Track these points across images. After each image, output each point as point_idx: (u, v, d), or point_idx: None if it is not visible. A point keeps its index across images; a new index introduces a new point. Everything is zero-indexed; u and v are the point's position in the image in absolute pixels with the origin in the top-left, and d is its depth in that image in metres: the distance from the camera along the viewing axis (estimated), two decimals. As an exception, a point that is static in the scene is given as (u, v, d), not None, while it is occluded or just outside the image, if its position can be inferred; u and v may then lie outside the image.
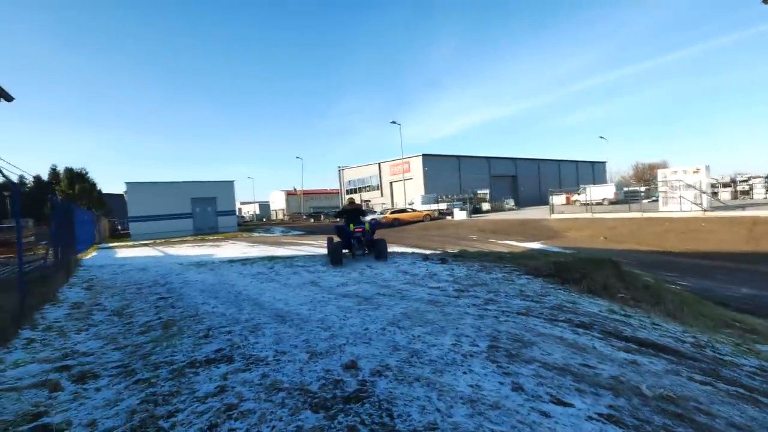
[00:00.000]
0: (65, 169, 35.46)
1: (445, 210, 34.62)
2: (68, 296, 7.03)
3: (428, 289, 5.75)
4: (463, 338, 3.51)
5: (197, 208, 30.02)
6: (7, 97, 8.72)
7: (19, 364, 3.62)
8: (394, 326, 3.95)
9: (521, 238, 18.32)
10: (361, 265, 8.80)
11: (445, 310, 4.47)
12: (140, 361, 3.52)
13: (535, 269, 7.06)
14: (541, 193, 55.61)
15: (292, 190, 74.27)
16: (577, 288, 5.72)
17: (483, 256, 9.36)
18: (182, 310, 5.52)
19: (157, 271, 10.05)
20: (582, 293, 5.43)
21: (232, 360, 3.36)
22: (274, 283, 7.21)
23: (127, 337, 4.40)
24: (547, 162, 62.27)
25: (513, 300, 4.93)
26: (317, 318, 4.48)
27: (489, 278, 6.53)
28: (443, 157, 49.41)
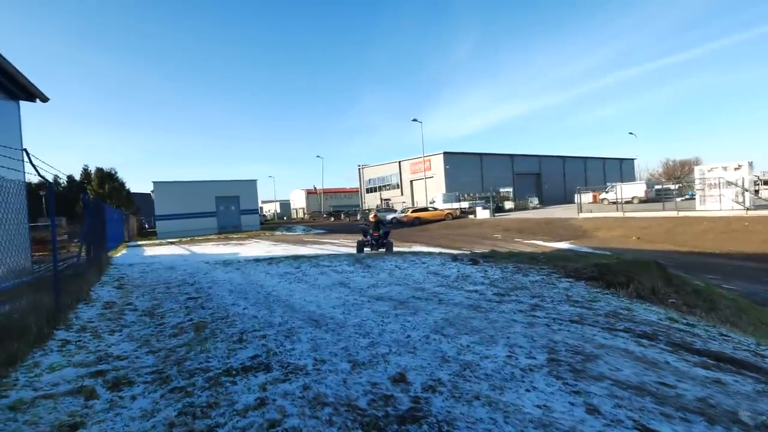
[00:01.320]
0: (96, 169, 36.66)
1: (467, 209, 34.07)
2: (100, 295, 7.07)
3: (465, 293, 5.47)
4: (516, 349, 3.22)
5: (221, 207, 30.48)
6: (42, 97, 8.88)
7: (54, 368, 3.55)
8: (438, 334, 3.69)
9: (548, 237, 17.73)
10: (388, 265, 8.58)
11: (490, 317, 4.19)
12: (175, 367, 3.39)
13: (574, 271, 6.67)
14: (566, 191, 54.17)
15: (313, 188, 74.86)
16: (625, 292, 5.35)
17: (515, 257, 8.98)
18: (212, 311, 5.42)
19: (184, 269, 10.09)
20: (631, 298, 5.05)
21: (269, 368, 3.19)
22: (303, 283, 7.07)
23: (159, 339, 4.31)
24: (572, 159, 60.46)
25: (561, 306, 4.60)
26: (353, 323, 4.27)
27: (527, 281, 6.20)
28: (465, 154, 48.67)
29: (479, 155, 50.00)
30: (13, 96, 8.43)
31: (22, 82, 7.98)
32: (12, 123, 8.42)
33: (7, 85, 7.92)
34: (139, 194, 47.32)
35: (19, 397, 2.93)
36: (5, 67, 7.15)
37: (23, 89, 8.36)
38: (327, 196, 72.53)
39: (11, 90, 8.17)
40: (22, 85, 8.11)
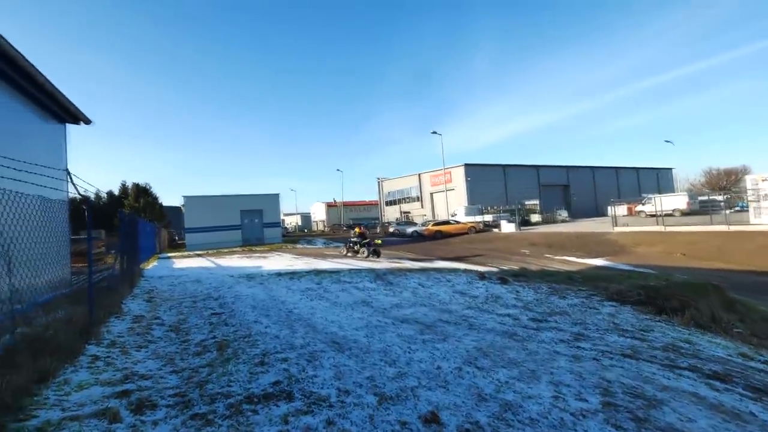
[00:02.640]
0: (132, 185, 38.40)
1: (491, 222, 33.28)
2: (131, 308, 7.17)
3: (497, 317, 5.16)
4: (563, 388, 2.92)
5: (246, 220, 31.09)
6: (86, 120, 9.30)
7: (82, 386, 3.52)
8: (472, 366, 3.43)
9: (581, 253, 16.92)
10: (412, 283, 8.34)
11: (528, 347, 3.88)
12: (197, 390, 3.29)
13: (618, 294, 6.21)
14: (597, 204, 52.16)
15: (332, 201, 75.55)
16: (680, 320, 4.87)
17: (548, 276, 8.53)
18: (235, 328, 5.36)
19: (210, 283, 10.19)
20: (689, 327, 4.58)
21: (291, 397, 3.03)
22: (324, 301, 6.93)
23: (183, 358, 4.25)
24: (603, 169, 58.05)
25: (609, 335, 4.22)
26: (378, 348, 4.06)
27: (566, 304, 5.80)
28: (487, 166, 47.83)
29: (502, 167, 48.99)
30: (60, 120, 8.89)
31: (69, 107, 8.40)
32: (58, 145, 8.85)
33: (55, 111, 8.36)
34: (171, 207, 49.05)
35: (48, 418, 2.89)
36: (54, 94, 7.54)
37: (69, 113, 8.80)
38: (347, 209, 73.00)
39: (59, 114, 8.62)
40: (69, 109, 8.54)
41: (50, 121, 8.48)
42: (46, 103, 7.94)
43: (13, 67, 6.36)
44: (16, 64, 6.28)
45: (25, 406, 3.09)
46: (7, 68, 6.29)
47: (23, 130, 7.32)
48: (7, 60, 6.12)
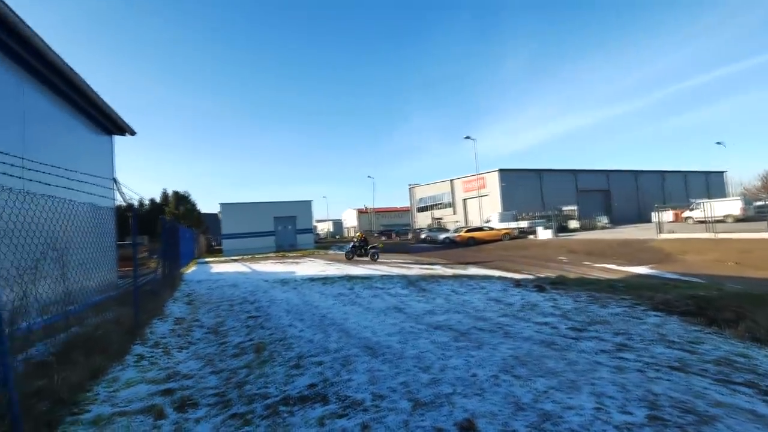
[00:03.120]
0: (173, 192, 40.46)
1: (526, 228, 32.33)
2: (173, 311, 7.51)
3: (534, 325, 4.98)
4: (606, 400, 2.77)
5: (279, 227, 31.95)
6: (131, 131, 9.93)
7: (130, 383, 3.72)
8: (508, 374, 3.33)
9: (623, 261, 16.07)
10: (444, 289, 8.23)
11: (568, 357, 3.72)
12: (235, 391, 3.40)
13: (664, 304, 5.84)
14: (640, 209, 49.53)
15: (364, 208, 76.13)
16: (734, 332, 4.49)
17: (588, 284, 8.15)
18: (271, 331, 5.49)
19: (245, 287, 10.51)
20: (744, 341, 4.22)
21: (326, 400, 3.05)
22: (356, 306, 6.97)
23: (222, 359, 4.39)
24: (646, 173, 54.95)
25: (654, 347, 3.97)
26: (411, 354, 4.03)
27: (607, 314, 5.53)
28: (522, 171, 46.57)
29: (538, 172, 47.54)
30: (108, 131, 9.54)
31: (116, 120, 9.00)
32: (106, 155, 9.49)
33: (103, 123, 8.98)
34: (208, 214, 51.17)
35: (99, 413, 3.08)
36: (103, 107, 8.12)
37: (116, 125, 9.43)
38: (378, 216, 73.31)
39: (107, 126, 9.25)
40: (116, 122, 9.16)
41: (99, 133, 9.11)
42: (96, 117, 8.53)
43: (70, 86, 6.90)
44: (73, 83, 6.81)
45: (79, 401, 3.31)
46: (65, 87, 6.83)
47: (76, 142, 7.89)
48: (65, 80, 6.65)
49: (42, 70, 6.10)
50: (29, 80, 6.08)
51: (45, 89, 6.54)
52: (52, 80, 6.45)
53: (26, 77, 5.99)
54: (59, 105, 7.10)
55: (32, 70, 6.01)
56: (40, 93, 6.42)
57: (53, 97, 6.84)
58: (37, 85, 6.30)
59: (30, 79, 6.09)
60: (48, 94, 6.66)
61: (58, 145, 7.01)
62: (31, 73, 6.07)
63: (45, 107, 6.60)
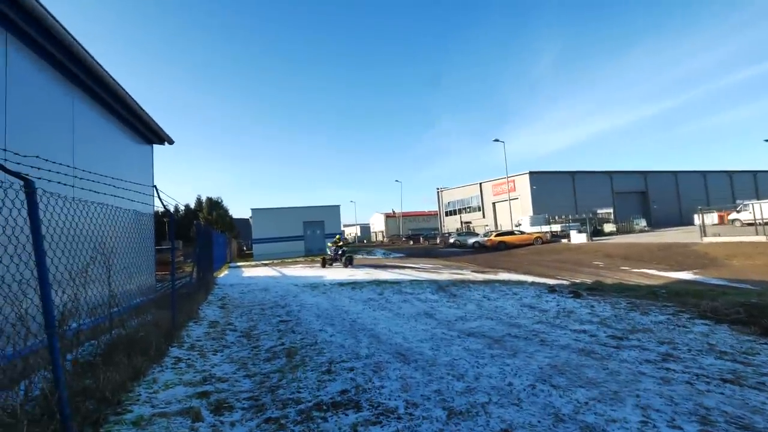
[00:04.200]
0: (206, 198, 42.04)
1: (559, 232, 31.34)
2: (207, 314, 7.74)
3: (572, 333, 4.79)
4: (652, 413, 2.61)
5: (308, 231, 32.49)
6: (169, 140, 10.39)
7: (168, 385, 3.84)
8: (546, 383, 3.20)
9: (664, 266, 15.26)
10: (476, 295, 8.07)
11: (609, 366, 3.54)
12: (269, 395, 3.44)
13: (712, 311, 5.48)
14: (681, 212, 47.04)
15: (391, 212, 76.19)
16: (793, 343, 4.16)
17: (627, 290, 7.78)
18: (302, 336, 5.54)
19: (276, 292, 10.71)
20: (805, 352, 3.89)
21: (359, 407, 3.04)
22: (386, 311, 6.94)
23: (255, 363, 4.47)
24: (687, 174, 52.11)
25: (703, 357, 3.72)
26: (444, 361, 3.95)
27: (649, 321, 5.24)
28: (554, 173, 45.29)
29: (571, 173, 46.04)
30: (148, 141, 10.03)
31: (156, 130, 9.45)
32: (147, 164, 9.98)
33: (144, 133, 9.45)
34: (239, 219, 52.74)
35: (140, 413, 3.19)
36: (144, 118, 8.55)
37: (157, 135, 9.90)
38: (405, 220, 73.12)
39: (147, 136, 9.73)
40: (156, 132, 9.61)
41: (141, 142, 9.58)
42: (139, 128, 8.99)
43: (116, 99, 7.31)
44: (119, 96, 7.21)
45: (122, 400, 3.44)
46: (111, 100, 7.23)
47: (120, 152, 8.34)
48: (111, 93, 7.04)
49: (91, 85, 6.48)
50: (79, 94, 6.47)
51: (93, 102, 6.95)
52: (99, 94, 6.85)
53: (77, 92, 6.39)
54: (105, 117, 7.53)
55: (82, 84, 6.40)
56: (89, 106, 6.82)
57: (100, 109, 7.26)
58: (86, 98, 6.70)
59: (80, 93, 6.48)
60: (95, 106, 7.07)
61: (104, 154, 7.42)
62: (81, 88, 6.47)
63: (92, 119, 7.01)
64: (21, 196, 2.58)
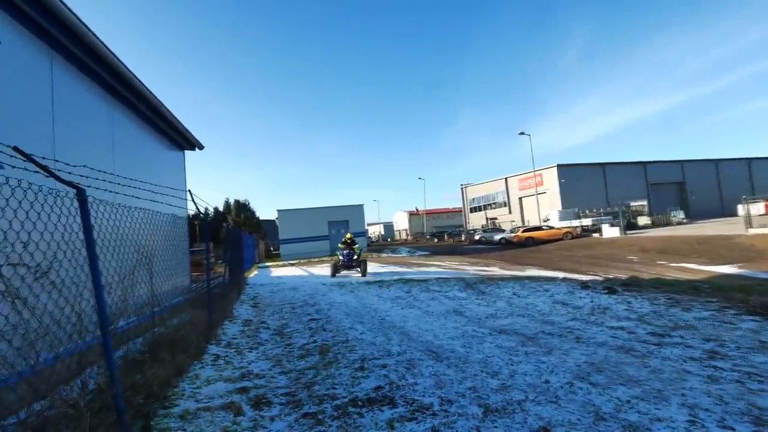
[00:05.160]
0: (234, 201, 43.27)
1: (590, 226, 30.35)
2: (240, 313, 8.00)
3: (608, 330, 4.66)
4: (700, 412, 2.52)
5: (333, 231, 32.86)
6: (199, 145, 10.78)
7: (210, 381, 4.02)
8: (584, 381, 3.14)
9: (705, 260, 14.51)
10: (505, 292, 7.95)
11: (650, 364, 3.43)
12: (305, 391, 3.53)
13: (762, 307, 5.19)
14: (723, 202, 44.48)
15: (415, 210, 75.92)
16: None
17: (666, 285, 7.46)
18: (333, 334, 5.64)
19: (305, 290, 10.93)
20: None
21: (394, 403, 3.08)
22: (415, 309, 6.95)
23: (289, 360, 4.59)
24: (729, 162, 49.02)
25: (754, 355, 3.54)
26: (477, 359, 3.94)
27: (691, 318, 5.02)
28: (583, 166, 43.71)
29: (601, 165, 44.32)
30: (180, 147, 10.44)
31: (188, 136, 9.83)
32: (180, 169, 10.40)
33: (177, 140, 9.85)
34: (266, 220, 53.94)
35: (186, 407, 3.34)
36: (177, 126, 8.92)
37: (188, 141, 10.29)
38: (429, 217, 72.66)
39: (179, 143, 10.13)
40: (188, 138, 10.00)
41: (174, 149, 9.99)
42: (172, 135, 9.38)
43: (151, 109, 7.66)
44: (154, 107, 7.55)
45: (168, 395, 3.63)
46: (147, 110, 7.59)
47: (155, 158, 8.73)
48: (147, 104, 7.39)
49: (128, 96, 6.83)
50: (118, 106, 6.84)
51: (130, 113, 7.32)
52: (136, 105, 7.20)
53: (116, 104, 6.75)
54: (141, 126, 7.91)
55: (120, 96, 6.76)
56: (126, 116, 7.19)
57: (136, 119, 7.63)
58: (124, 109, 7.07)
59: (118, 105, 6.85)
60: (132, 116, 7.45)
61: (141, 161, 7.79)
62: (119, 100, 6.82)
63: (130, 128, 7.38)
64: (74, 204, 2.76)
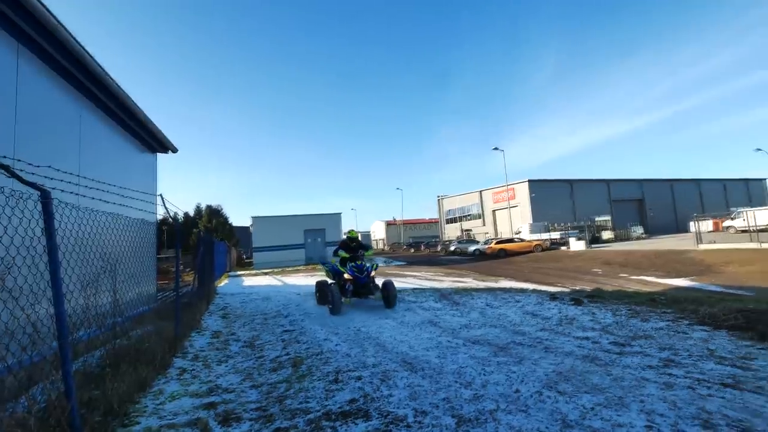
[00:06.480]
0: (206, 207, 42.04)
1: (558, 239, 31.49)
2: (209, 324, 7.72)
3: (575, 340, 4.84)
4: (656, 417, 2.67)
5: (309, 239, 32.34)
6: (173, 148, 10.45)
7: (174, 396, 3.85)
8: (552, 390, 3.25)
9: (662, 273, 15.35)
10: (479, 303, 8.10)
11: (612, 372, 3.60)
12: (277, 405, 3.45)
13: (710, 318, 5.56)
14: (677, 219, 47.52)
15: (392, 220, 76.26)
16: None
17: (627, 297, 7.85)
18: (307, 346, 5.55)
19: (278, 301, 10.69)
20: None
21: (368, 416, 3.06)
22: (390, 320, 6.95)
23: (261, 373, 4.46)
24: (683, 182, 53.04)
25: (704, 363, 3.79)
26: (451, 369, 3.99)
27: (650, 328, 5.31)
28: (552, 181, 45.62)
29: (569, 182, 46.41)
30: (153, 150, 10.08)
31: (161, 139, 9.50)
32: (151, 172, 10.02)
33: (150, 142, 9.51)
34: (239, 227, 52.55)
35: (148, 425, 3.19)
36: (150, 127, 8.60)
37: (161, 144, 9.95)
38: (406, 228, 73.16)
39: (152, 145, 9.78)
40: (161, 141, 9.66)
41: (145, 151, 9.63)
42: (144, 137, 9.04)
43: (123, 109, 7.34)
44: (125, 106, 7.25)
45: (129, 412, 3.44)
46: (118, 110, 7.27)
47: (125, 161, 8.37)
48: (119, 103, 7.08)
49: (98, 94, 6.52)
50: (87, 104, 6.51)
51: (100, 111, 6.98)
52: (107, 104, 6.88)
53: (84, 101, 6.43)
54: (112, 126, 7.57)
55: (90, 94, 6.44)
56: (96, 115, 6.86)
57: (107, 118, 7.30)
58: (93, 107, 6.74)
59: (88, 102, 6.52)
60: (102, 115, 7.11)
61: (110, 163, 7.44)
62: (89, 97, 6.50)
63: (99, 128, 7.05)
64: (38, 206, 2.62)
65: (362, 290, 8.09)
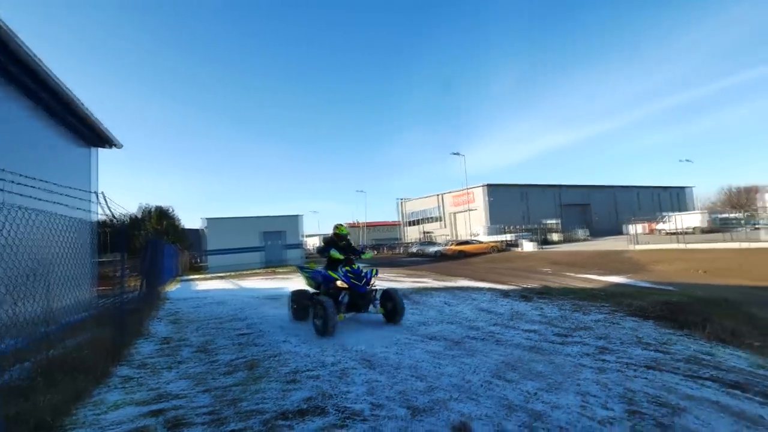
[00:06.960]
0: (155, 207, 39.54)
1: (511, 241, 32.97)
2: (158, 330, 7.34)
3: (523, 333, 5.17)
4: (590, 398, 2.97)
5: (268, 242, 31.35)
6: (117, 144, 9.81)
7: (117, 405, 3.64)
8: (500, 379, 3.47)
9: (602, 271, 16.58)
10: (437, 301, 8.34)
11: (555, 361, 3.89)
12: (230, 408, 3.37)
13: (640, 310, 6.17)
14: (617, 223, 51.36)
15: (354, 222, 76.03)
16: (701, 334, 4.88)
17: (571, 294, 8.44)
18: (264, 348, 5.44)
19: (234, 305, 10.34)
20: (710, 340, 4.62)
21: (325, 412, 3.09)
22: (352, 320, 6.98)
23: (214, 377, 4.33)
24: (623, 189, 57.58)
25: (632, 349, 4.24)
26: (408, 364, 4.11)
27: (589, 320, 5.77)
28: (508, 186, 47.72)
29: (523, 187, 48.81)
30: (91, 143, 9.34)
31: (101, 132, 8.80)
32: (86, 167, 9.25)
33: (87, 135, 8.78)
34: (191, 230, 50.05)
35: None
36: (87, 118, 7.87)
37: (101, 138, 9.23)
38: (369, 230, 73.23)
39: (90, 138, 9.03)
40: (101, 134, 8.96)
41: (80, 144, 8.86)
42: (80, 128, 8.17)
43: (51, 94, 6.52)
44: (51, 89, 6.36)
45: (64, 424, 3.22)
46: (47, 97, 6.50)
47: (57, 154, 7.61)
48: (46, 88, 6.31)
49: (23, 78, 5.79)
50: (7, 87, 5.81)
51: (24, 98, 6.25)
52: (32, 88, 6.10)
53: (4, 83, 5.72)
54: (40, 115, 6.81)
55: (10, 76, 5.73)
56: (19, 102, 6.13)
57: (34, 106, 6.53)
58: (16, 93, 6.00)
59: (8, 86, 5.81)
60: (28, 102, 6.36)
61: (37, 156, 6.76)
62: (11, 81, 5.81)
63: (23, 117, 6.35)
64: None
65: (361, 302, 6.26)
